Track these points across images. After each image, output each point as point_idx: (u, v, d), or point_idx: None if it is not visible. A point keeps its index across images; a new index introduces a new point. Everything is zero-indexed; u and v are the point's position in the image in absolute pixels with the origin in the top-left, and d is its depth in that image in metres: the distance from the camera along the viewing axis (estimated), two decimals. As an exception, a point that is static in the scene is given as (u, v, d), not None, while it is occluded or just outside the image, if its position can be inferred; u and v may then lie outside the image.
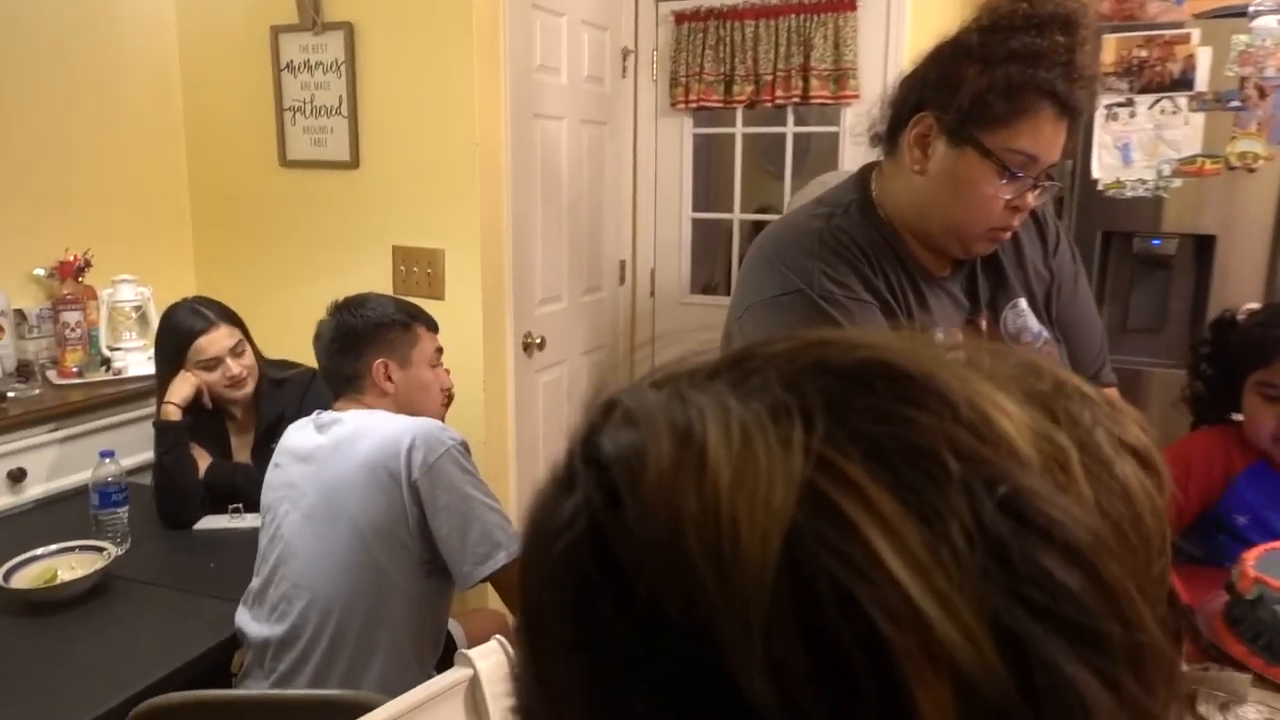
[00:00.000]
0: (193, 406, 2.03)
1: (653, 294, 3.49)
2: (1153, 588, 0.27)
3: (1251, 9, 2.24)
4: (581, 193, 3.07)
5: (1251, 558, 1.21)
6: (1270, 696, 1.05)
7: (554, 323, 2.93)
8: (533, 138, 2.73)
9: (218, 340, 2.02)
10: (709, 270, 3.74)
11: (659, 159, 3.43)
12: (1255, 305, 1.52)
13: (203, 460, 2.06)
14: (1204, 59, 2.20)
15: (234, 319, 2.10)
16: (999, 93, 1.10)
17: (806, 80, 3.16)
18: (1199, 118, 2.20)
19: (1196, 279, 2.27)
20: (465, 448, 1.61)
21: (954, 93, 1.13)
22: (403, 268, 2.56)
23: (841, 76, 3.12)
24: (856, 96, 3.12)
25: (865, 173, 1.30)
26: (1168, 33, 2.24)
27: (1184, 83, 2.21)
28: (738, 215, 3.38)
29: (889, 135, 1.23)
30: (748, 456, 0.26)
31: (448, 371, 1.84)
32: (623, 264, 3.44)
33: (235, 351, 2.05)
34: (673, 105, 3.34)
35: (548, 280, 2.89)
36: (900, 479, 0.25)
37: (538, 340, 2.79)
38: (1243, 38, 2.16)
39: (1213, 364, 1.54)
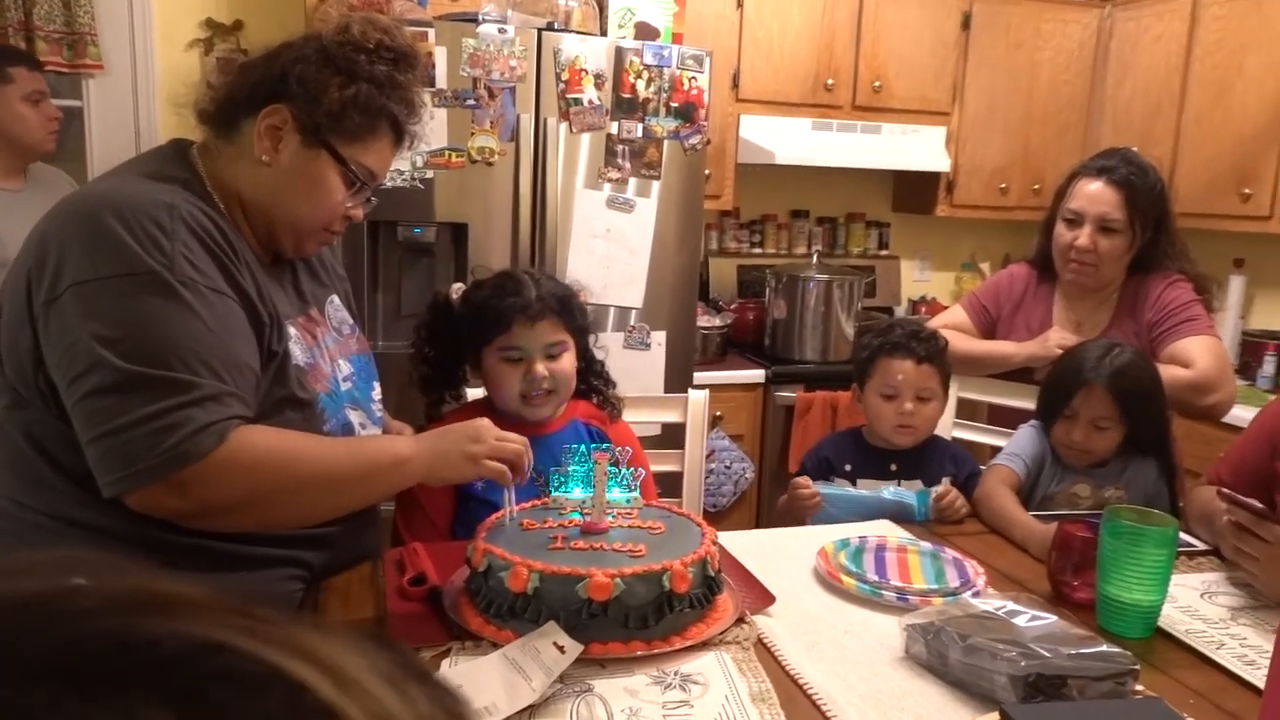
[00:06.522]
0: None
1: None
2: None
3: (481, 15, 2.46)
4: None
5: (484, 530, 1.29)
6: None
7: None
8: None
9: None
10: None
11: None
12: (461, 285, 1.62)
13: None
14: (441, 58, 2.35)
15: None
16: (360, 109, 1.21)
17: (31, 41, 2.64)
18: (442, 113, 2.36)
19: (456, 264, 2.44)
20: None
21: (316, 97, 1.19)
22: None
23: (78, 43, 2.68)
24: (100, 67, 2.72)
25: (182, 150, 1.24)
26: (409, 30, 2.34)
27: (426, 80, 2.34)
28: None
29: (220, 117, 1.22)
30: None
31: None
32: None
33: None
34: None
35: None
36: None
37: None
38: (471, 41, 2.36)
39: (435, 345, 1.60)
